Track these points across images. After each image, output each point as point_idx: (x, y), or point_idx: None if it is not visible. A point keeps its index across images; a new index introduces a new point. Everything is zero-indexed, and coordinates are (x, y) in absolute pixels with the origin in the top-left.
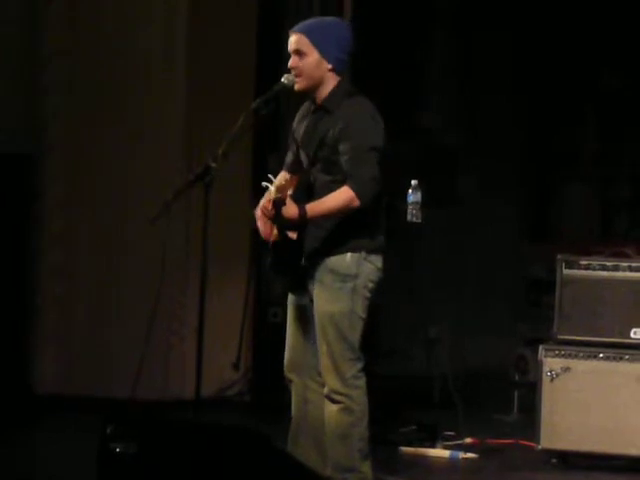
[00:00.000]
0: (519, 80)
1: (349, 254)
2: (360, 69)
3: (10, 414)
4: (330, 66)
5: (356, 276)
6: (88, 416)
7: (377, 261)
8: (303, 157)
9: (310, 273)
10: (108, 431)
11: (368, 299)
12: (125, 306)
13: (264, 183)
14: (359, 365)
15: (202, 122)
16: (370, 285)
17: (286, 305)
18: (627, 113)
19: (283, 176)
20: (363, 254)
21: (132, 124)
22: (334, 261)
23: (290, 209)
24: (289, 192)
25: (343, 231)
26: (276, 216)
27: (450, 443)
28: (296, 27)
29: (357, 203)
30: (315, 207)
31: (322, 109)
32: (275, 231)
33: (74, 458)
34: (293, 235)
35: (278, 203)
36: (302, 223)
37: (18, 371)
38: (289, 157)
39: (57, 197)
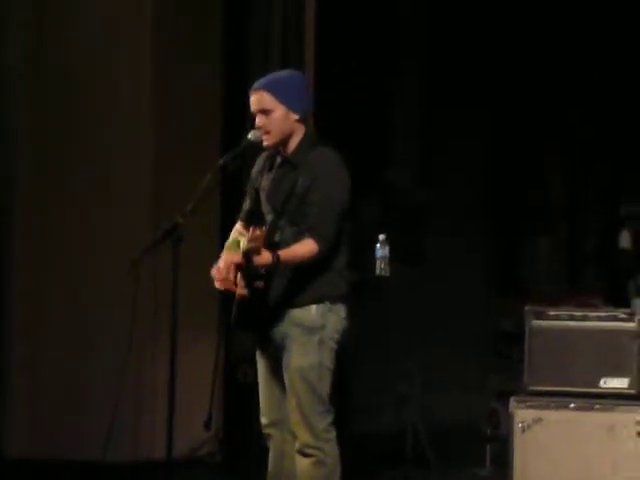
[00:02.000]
0: (485, 132)
1: (314, 306)
2: (322, 121)
3: None
4: (297, 117)
5: (323, 327)
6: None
7: (341, 310)
8: (267, 210)
9: (276, 327)
10: None
11: (334, 350)
12: (95, 367)
13: (234, 239)
14: (329, 418)
15: (169, 178)
16: (336, 336)
17: (256, 364)
18: (595, 165)
19: (235, 236)
20: (327, 305)
21: (99, 180)
22: (299, 314)
23: (264, 255)
24: (262, 242)
25: (306, 282)
26: (247, 267)
27: None
28: (255, 85)
29: (316, 255)
30: (286, 254)
31: (288, 162)
32: (240, 286)
33: None
34: (260, 284)
35: (251, 252)
36: (273, 270)
37: None
38: (246, 206)
39: (23, 252)
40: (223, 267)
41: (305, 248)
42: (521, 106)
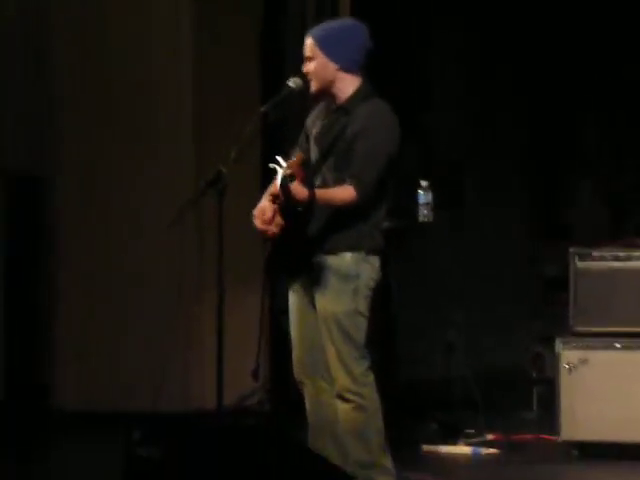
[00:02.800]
0: (524, 81)
1: (349, 254)
2: (368, 73)
3: (31, 431)
4: (337, 66)
5: (357, 276)
6: (110, 430)
7: (375, 261)
8: (314, 152)
9: (310, 273)
10: (134, 437)
11: (369, 297)
12: (143, 319)
13: (271, 165)
14: (366, 363)
15: (211, 130)
16: (371, 284)
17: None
18: (635, 112)
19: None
20: (362, 254)
21: (142, 136)
22: (334, 261)
23: (300, 190)
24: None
25: (342, 229)
26: (284, 196)
27: (472, 440)
28: (310, 31)
29: (353, 202)
30: (322, 194)
31: (341, 109)
32: (275, 224)
33: (97, 469)
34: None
35: (287, 180)
36: (309, 208)
37: (38, 389)
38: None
39: (71, 214)
40: (262, 204)
41: (343, 193)
42: (557, 51)
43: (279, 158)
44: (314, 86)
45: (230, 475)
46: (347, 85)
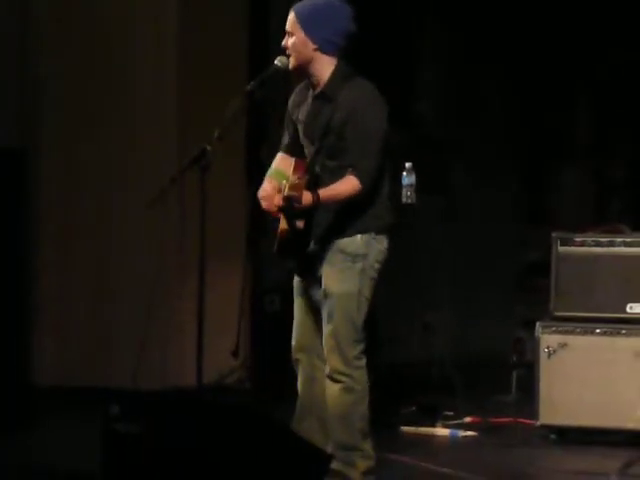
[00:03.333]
0: (510, 65)
1: (359, 235)
2: (351, 55)
3: (9, 406)
4: (315, 46)
5: (365, 256)
6: (88, 406)
7: (383, 241)
8: (306, 143)
9: (318, 255)
10: (111, 412)
11: (375, 280)
12: (123, 295)
13: (283, 182)
14: (361, 346)
15: (195, 111)
16: (377, 266)
17: (282, 292)
18: (620, 96)
19: (278, 165)
20: (372, 234)
21: (126, 113)
22: (344, 242)
23: (305, 197)
24: (303, 190)
25: (352, 213)
26: (287, 209)
27: (450, 422)
28: (294, 6)
29: (359, 192)
30: (326, 193)
31: (323, 95)
32: (282, 222)
33: (76, 444)
34: (301, 224)
35: (292, 200)
36: (314, 209)
37: (17, 363)
38: (286, 139)
39: (53, 190)
40: (265, 186)
41: (347, 185)
42: (548, 36)
43: (280, 170)
44: (292, 62)
45: (208, 452)
46: (324, 66)
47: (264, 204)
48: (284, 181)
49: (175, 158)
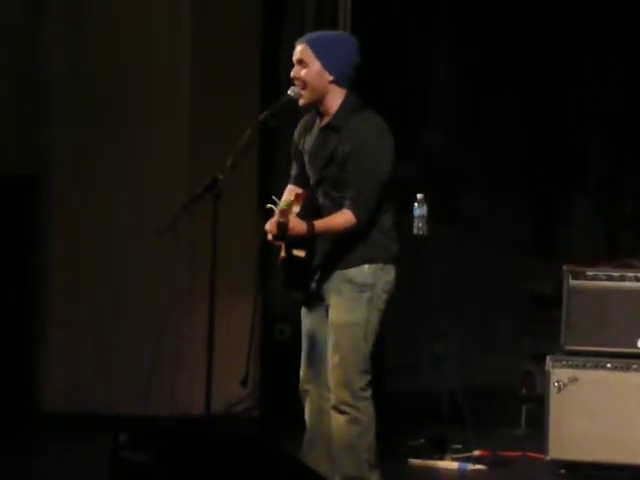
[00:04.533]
0: (522, 98)
1: (367, 265)
2: (360, 85)
3: (18, 431)
4: (331, 78)
5: (373, 286)
6: (96, 432)
7: (391, 272)
8: (311, 173)
9: (326, 285)
10: (120, 440)
11: (382, 311)
12: (132, 322)
13: (268, 205)
14: (368, 377)
15: (207, 139)
16: (384, 296)
17: (292, 322)
18: (633, 128)
19: (287, 197)
20: (380, 265)
21: (137, 140)
22: (352, 272)
23: (298, 226)
24: (293, 213)
25: (355, 244)
26: (280, 236)
27: (459, 455)
28: (302, 38)
29: (354, 226)
30: (321, 224)
31: (330, 127)
32: (282, 251)
33: (84, 471)
34: (300, 253)
35: (281, 227)
36: (309, 239)
37: (26, 389)
38: (294, 170)
39: (62, 215)
40: (274, 220)
41: (342, 219)
42: (560, 72)
43: (275, 198)
44: (305, 97)
45: None
46: (335, 98)
47: (269, 236)
48: (275, 208)
49: (187, 182)
